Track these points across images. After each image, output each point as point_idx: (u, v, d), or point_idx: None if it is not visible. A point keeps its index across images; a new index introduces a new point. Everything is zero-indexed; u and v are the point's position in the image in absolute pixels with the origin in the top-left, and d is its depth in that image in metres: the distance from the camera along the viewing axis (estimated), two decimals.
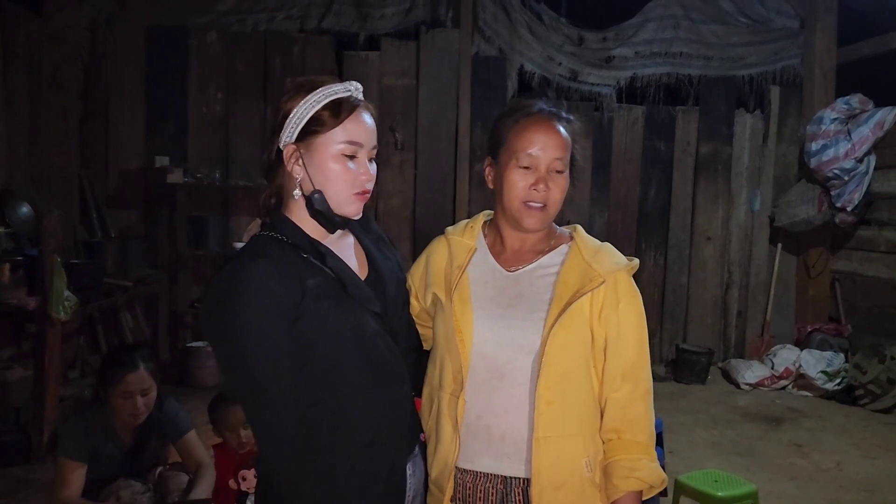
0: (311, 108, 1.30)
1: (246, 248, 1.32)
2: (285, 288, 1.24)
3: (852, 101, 5.32)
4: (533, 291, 1.44)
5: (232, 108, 5.53)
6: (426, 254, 1.59)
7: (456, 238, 1.54)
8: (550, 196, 1.43)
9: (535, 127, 1.43)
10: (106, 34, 5.35)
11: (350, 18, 5.63)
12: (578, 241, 1.49)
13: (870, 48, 5.70)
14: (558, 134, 1.44)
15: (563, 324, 1.38)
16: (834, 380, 5.11)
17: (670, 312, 6.03)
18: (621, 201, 5.96)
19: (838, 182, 5.21)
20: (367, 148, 1.34)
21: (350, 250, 1.43)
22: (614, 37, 5.97)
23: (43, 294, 3.61)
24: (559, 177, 1.44)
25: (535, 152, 1.42)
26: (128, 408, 2.55)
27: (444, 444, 1.43)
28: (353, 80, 1.38)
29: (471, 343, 1.42)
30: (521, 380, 1.40)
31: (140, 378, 2.55)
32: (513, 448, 1.40)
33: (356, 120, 1.32)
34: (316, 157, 1.31)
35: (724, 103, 5.97)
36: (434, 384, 1.48)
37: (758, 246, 6.07)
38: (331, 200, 1.32)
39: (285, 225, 1.34)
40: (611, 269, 1.43)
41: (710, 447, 4.10)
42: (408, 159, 5.67)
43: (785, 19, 6.04)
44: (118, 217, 5.36)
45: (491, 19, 5.72)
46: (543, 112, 1.46)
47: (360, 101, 1.35)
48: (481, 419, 1.41)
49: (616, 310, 1.41)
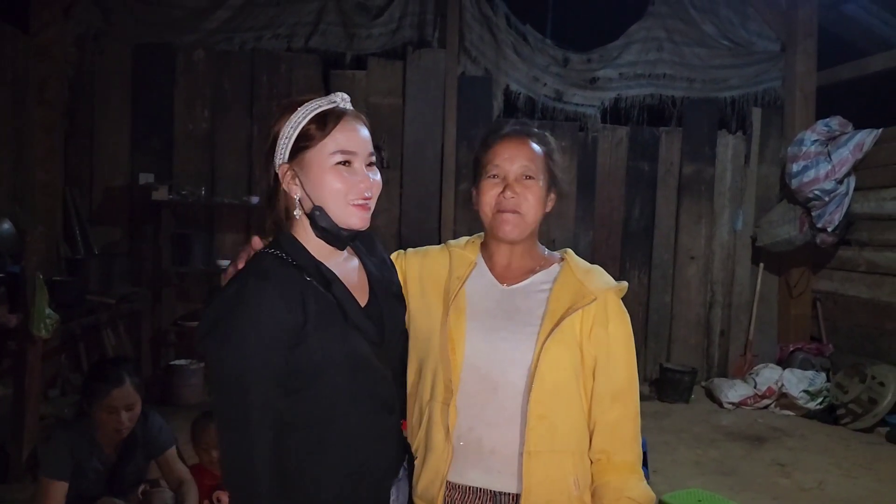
0: (298, 125, 1.29)
1: (250, 267, 1.29)
2: (288, 312, 1.22)
3: (832, 123, 5.41)
4: (527, 306, 1.46)
5: (218, 126, 5.53)
6: (423, 253, 1.60)
7: (457, 250, 1.56)
8: (522, 201, 1.45)
9: (504, 142, 1.49)
10: (93, 51, 5.34)
11: (337, 38, 5.67)
12: (570, 262, 1.52)
13: (849, 72, 5.82)
14: (525, 145, 1.49)
15: (556, 339, 1.40)
16: (816, 399, 5.14)
17: (654, 331, 6.07)
18: (606, 220, 6.00)
19: (819, 203, 5.28)
20: (362, 155, 1.32)
21: (354, 274, 1.40)
22: (599, 58, 6.04)
23: (24, 311, 3.58)
24: (530, 182, 1.47)
25: (500, 162, 1.47)
26: (112, 423, 2.52)
27: (436, 452, 1.42)
28: (342, 93, 1.36)
29: (462, 353, 1.43)
30: (513, 393, 1.40)
31: (125, 393, 2.53)
32: (503, 462, 1.40)
33: (344, 128, 1.30)
34: (310, 173, 1.29)
35: (706, 124, 6.05)
36: (424, 397, 1.47)
37: (740, 265, 6.13)
38: (332, 214, 1.30)
39: (292, 245, 1.32)
40: (601, 289, 1.46)
41: (693, 466, 4.11)
42: (393, 178, 5.69)
43: (766, 43, 6.15)
44: (102, 234, 5.33)
45: (477, 40, 5.78)
46: (513, 130, 1.52)
47: (348, 110, 1.34)
48: (473, 431, 1.41)
49: (606, 329, 1.44)
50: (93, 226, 5.30)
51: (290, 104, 1.33)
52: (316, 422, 1.28)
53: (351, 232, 1.33)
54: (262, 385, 1.21)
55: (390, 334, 1.40)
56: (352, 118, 1.32)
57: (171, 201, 5.11)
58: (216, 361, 1.23)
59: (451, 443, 1.41)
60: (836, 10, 6.16)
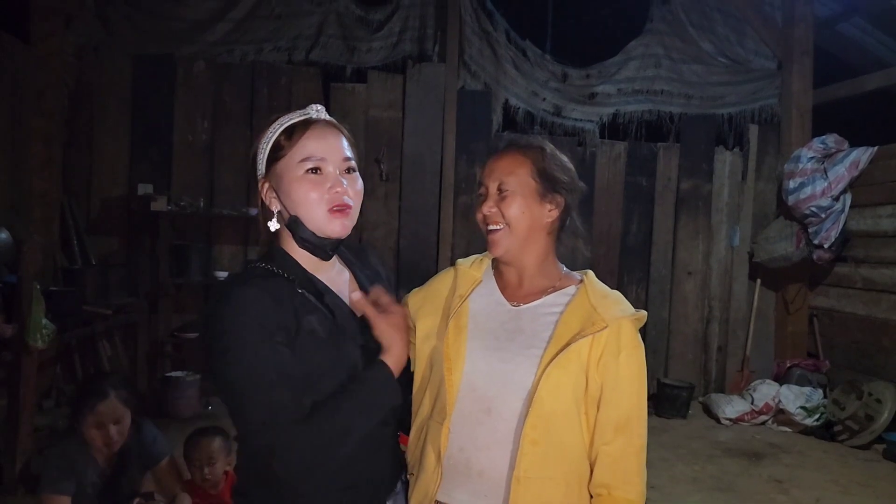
0: (270, 139, 1.32)
1: (234, 277, 1.30)
2: (276, 307, 1.22)
3: (828, 140, 5.45)
4: (532, 328, 1.42)
5: (218, 137, 5.54)
6: (431, 281, 1.59)
7: (464, 269, 1.55)
8: (504, 214, 1.43)
9: (491, 160, 1.50)
10: (93, 61, 5.35)
11: (338, 51, 5.69)
12: (587, 285, 1.47)
13: (844, 90, 5.87)
14: (507, 157, 1.47)
15: (559, 364, 1.35)
16: (813, 415, 5.14)
17: (652, 347, 6.05)
18: (604, 235, 6.01)
19: (815, 219, 5.30)
20: (334, 161, 1.30)
21: (345, 286, 1.40)
22: (597, 74, 6.08)
23: (20, 321, 3.56)
24: (510, 194, 1.43)
25: (483, 179, 1.48)
26: (101, 437, 2.51)
27: (427, 473, 1.41)
28: (318, 105, 1.37)
29: (461, 372, 1.40)
30: (508, 416, 1.37)
31: (111, 407, 2.51)
32: (490, 487, 1.36)
33: (313, 136, 1.30)
34: (283, 183, 1.30)
35: (704, 140, 6.09)
36: (423, 415, 1.46)
37: (738, 281, 6.14)
38: (308, 223, 1.29)
39: (283, 258, 1.33)
40: (615, 316, 1.39)
41: (691, 482, 4.10)
42: (393, 191, 5.70)
43: (763, 60, 6.20)
44: (100, 244, 5.31)
45: (477, 55, 5.81)
46: (503, 146, 1.53)
47: (319, 118, 1.34)
48: (463, 452, 1.39)
49: (616, 359, 1.37)
50: (90, 236, 5.28)
51: (269, 120, 1.35)
52: None
53: (332, 241, 1.32)
54: (264, 346, 1.19)
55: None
56: (322, 126, 1.33)
57: (169, 212, 5.09)
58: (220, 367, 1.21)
59: (442, 465, 1.39)
60: (831, 30, 6.23)
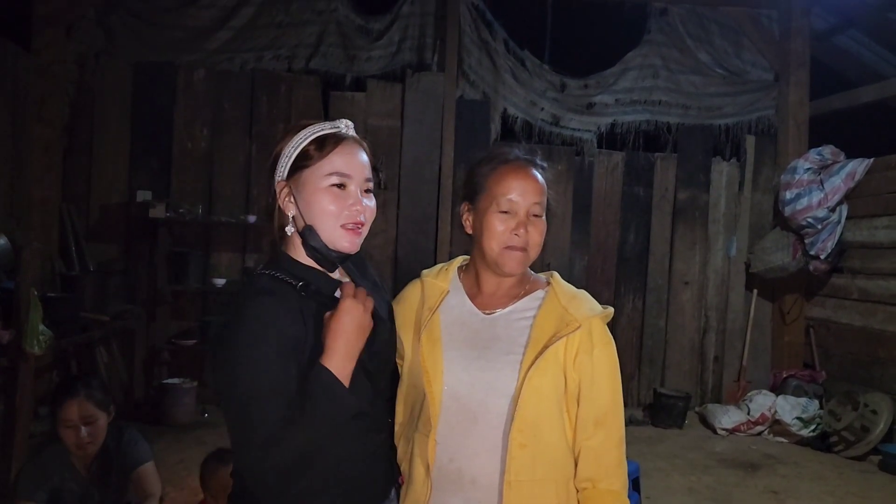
0: (299, 145, 1.33)
1: (250, 287, 1.31)
2: (292, 324, 1.24)
3: (824, 151, 5.47)
4: (508, 334, 1.45)
5: (217, 145, 5.56)
6: (399, 295, 1.60)
7: (430, 280, 1.56)
8: (530, 239, 1.45)
9: (514, 173, 1.46)
10: (94, 69, 5.38)
11: (337, 60, 5.72)
12: (556, 287, 1.50)
13: (841, 102, 5.91)
14: (535, 179, 1.47)
15: (539, 368, 1.39)
16: (809, 426, 5.14)
17: (648, 356, 6.07)
18: (601, 245, 6.03)
19: (812, 230, 5.32)
20: (358, 180, 1.33)
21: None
22: (595, 84, 6.11)
23: (18, 327, 3.56)
24: (538, 220, 1.47)
25: (514, 197, 1.44)
26: (72, 437, 2.47)
27: (416, 486, 1.43)
28: (347, 120, 1.39)
29: (441, 383, 1.42)
30: (495, 423, 1.40)
31: (80, 406, 2.47)
32: (483, 493, 1.39)
33: (342, 152, 1.32)
34: (305, 192, 1.31)
35: (701, 151, 6.11)
36: (410, 428, 1.48)
37: (734, 291, 6.16)
38: (322, 234, 1.31)
39: (288, 263, 1.34)
40: (586, 315, 1.44)
41: (687, 494, 4.10)
42: (391, 199, 5.71)
43: (760, 72, 6.23)
44: (98, 251, 5.32)
45: (476, 64, 5.84)
46: (520, 159, 1.49)
47: (349, 135, 1.36)
48: (453, 462, 1.41)
49: (590, 355, 1.42)
50: (89, 242, 5.29)
51: (297, 126, 1.37)
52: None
53: (340, 254, 1.35)
54: (275, 399, 1.20)
55: (382, 354, 1.41)
56: (351, 143, 1.35)
57: (168, 219, 5.11)
58: (226, 381, 1.23)
59: (431, 477, 1.41)
60: (828, 42, 6.27)
